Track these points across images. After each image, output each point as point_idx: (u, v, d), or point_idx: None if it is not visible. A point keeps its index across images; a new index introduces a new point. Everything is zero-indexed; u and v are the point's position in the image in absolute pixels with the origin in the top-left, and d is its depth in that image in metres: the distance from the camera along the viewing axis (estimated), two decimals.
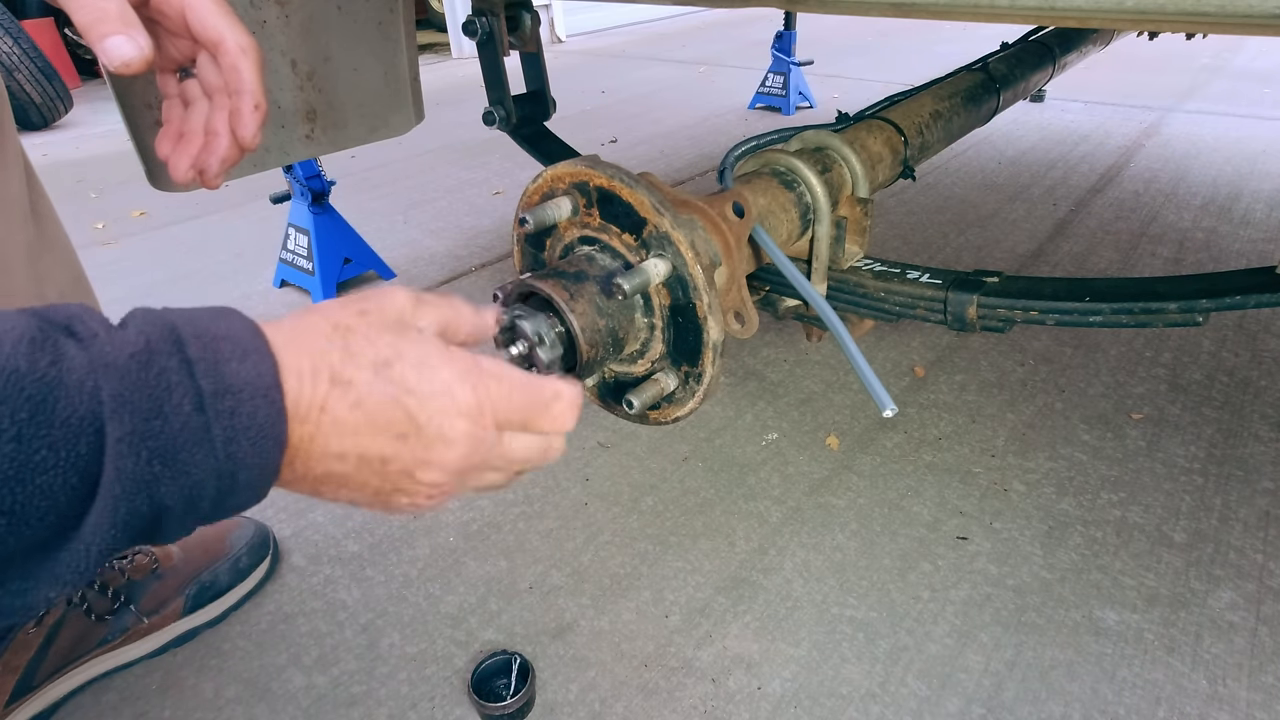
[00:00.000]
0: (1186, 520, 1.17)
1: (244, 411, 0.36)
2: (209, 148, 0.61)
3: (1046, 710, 0.91)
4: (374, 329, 0.41)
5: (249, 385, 0.36)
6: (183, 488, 0.35)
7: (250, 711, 0.95)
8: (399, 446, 0.40)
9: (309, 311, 0.42)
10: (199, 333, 0.37)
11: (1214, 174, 2.55)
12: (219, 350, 0.37)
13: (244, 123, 0.59)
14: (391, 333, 0.41)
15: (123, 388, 0.33)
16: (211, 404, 0.35)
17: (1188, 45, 4.40)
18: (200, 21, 0.56)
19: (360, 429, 0.39)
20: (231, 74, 0.57)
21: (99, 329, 0.35)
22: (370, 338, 0.40)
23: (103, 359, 0.34)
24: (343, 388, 0.39)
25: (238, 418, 0.36)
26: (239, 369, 0.36)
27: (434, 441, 0.41)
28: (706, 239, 0.57)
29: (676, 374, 0.58)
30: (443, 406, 0.41)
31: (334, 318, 0.41)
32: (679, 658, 0.99)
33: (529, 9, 1.32)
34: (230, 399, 0.36)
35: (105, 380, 0.33)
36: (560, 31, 6.02)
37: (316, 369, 0.39)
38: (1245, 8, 0.56)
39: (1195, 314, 0.76)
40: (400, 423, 0.40)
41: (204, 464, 0.35)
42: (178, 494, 0.35)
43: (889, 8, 0.77)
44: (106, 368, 0.33)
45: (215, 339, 0.37)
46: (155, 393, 0.34)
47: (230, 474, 0.36)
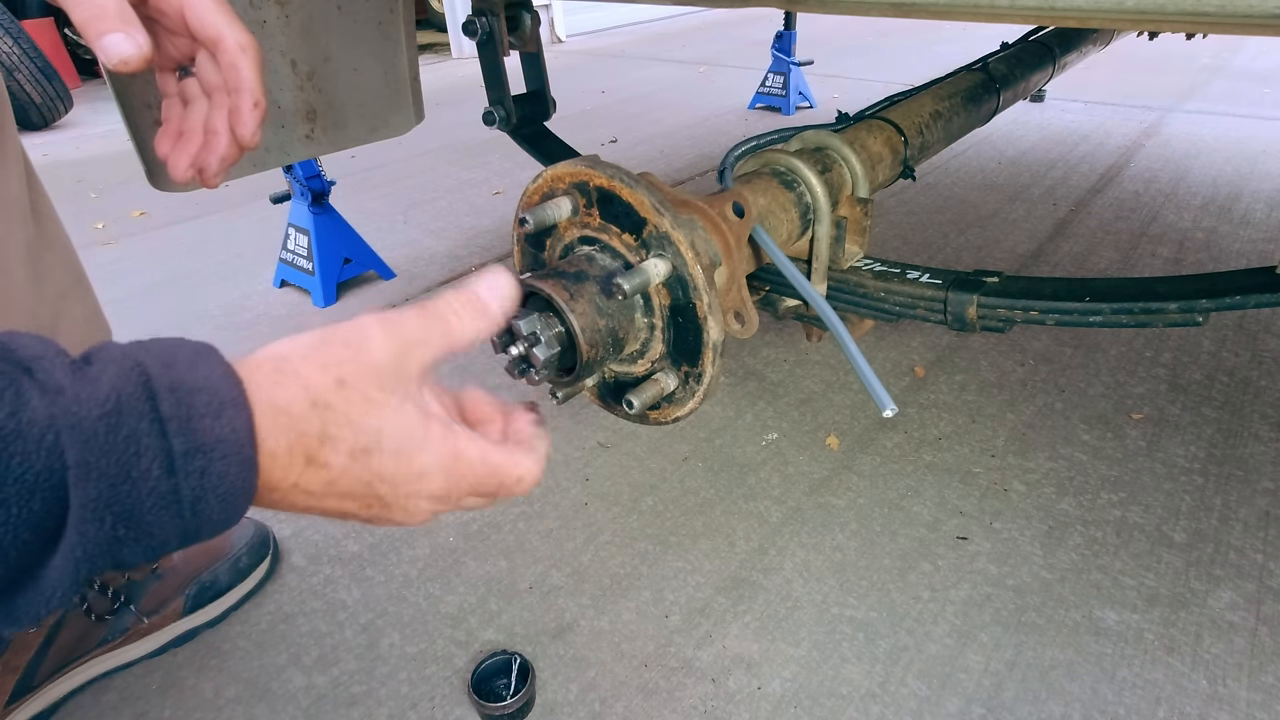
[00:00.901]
0: (1186, 520, 1.17)
1: (215, 471, 0.35)
2: (208, 146, 0.60)
3: (1046, 710, 0.91)
4: (354, 406, 0.39)
5: (222, 443, 0.35)
6: (146, 547, 0.35)
7: (250, 711, 0.95)
8: (361, 512, 0.42)
9: (281, 371, 0.39)
10: (174, 384, 0.35)
11: (1214, 174, 2.55)
12: (193, 404, 0.35)
13: (243, 121, 0.58)
14: (372, 411, 0.40)
15: (89, 453, 0.32)
16: (182, 465, 0.34)
17: (1188, 45, 4.40)
18: (199, 20, 0.56)
19: (328, 499, 0.40)
20: (231, 72, 0.57)
21: (64, 380, 0.33)
22: (349, 419, 0.39)
23: (69, 417, 0.32)
24: (317, 469, 0.39)
25: (208, 478, 0.35)
26: (213, 426, 0.35)
27: (396, 513, 0.43)
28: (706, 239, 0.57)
29: (676, 374, 0.58)
30: (414, 492, 0.42)
31: (312, 391, 0.38)
32: (679, 658, 0.99)
33: (529, 9, 1.32)
34: (201, 459, 0.35)
35: (70, 440, 0.32)
36: (560, 31, 6.02)
37: (292, 449, 0.38)
38: (1245, 8, 0.56)
39: (1195, 314, 0.76)
40: (369, 499, 0.41)
41: (169, 525, 0.35)
42: (140, 552, 0.35)
43: (889, 8, 0.77)
44: (73, 428, 0.32)
45: (190, 391, 0.35)
46: (123, 457, 0.33)
47: (194, 530, 0.36)
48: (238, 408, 0.36)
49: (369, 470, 0.40)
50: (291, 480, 0.38)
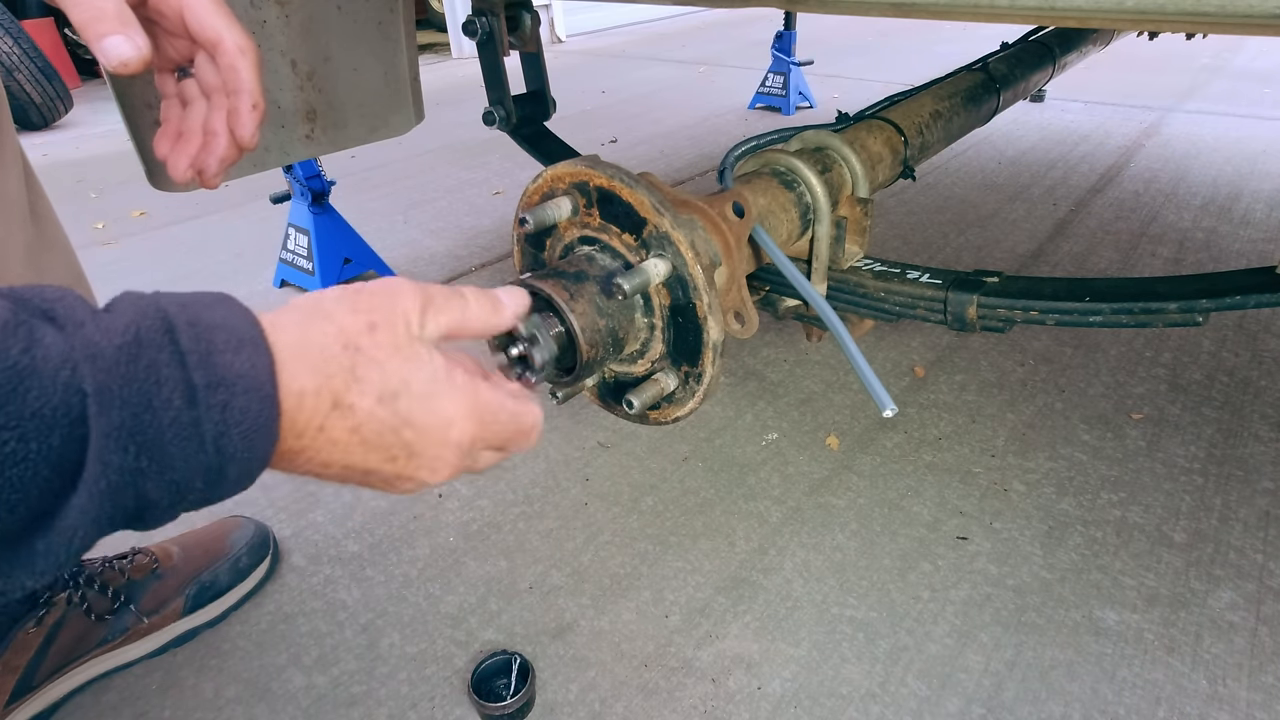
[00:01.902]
0: (1186, 520, 1.17)
1: (237, 406, 0.35)
2: (207, 147, 0.61)
3: (1046, 710, 0.91)
4: (383, 350, 0.40)
5: (243, 378, 0.35)
6: (170, 482, 0.34)
7: (250, 711, 0.95)
8: (386, 465, 0.41)
9: (315, 314, 0.40)
10: (192, 320, 0.35)
11: (1214, 174, 2.55)
12: (213, 340, 0.35)
13: (242, 122, 0.59)
14: (400, 355, 0.40)
15: (109, 380, 0.32)
16: (204, 397, 0.34)
17: (1188, 45, 4.41)
18: (198, 21, 0.56)
19: (353, 449, 0.40)
20: (230, 73, 0.57)
21: (84, 316, 0.33)
22: (378, 361, 0.39)
23: (87, 348, 0.32)
24: (343, 411, 0.38)
25: (230, 412, 0.35)
26: (233, 361, 0.35)
27: (421, 466, 0.42)
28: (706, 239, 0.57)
29: (676, 374, 0.58)
30: (439, 440, 0.42)
31: (344, 332, 0.39)
32: (679, 658, 0.99)
33: (529, 9, 1.32)
34: (223, 392, 0.34)
35: (89, 371, 0.32)
36: (560, 31, 6.02)
37: (319, 389, 0.38)
38: (1245, 8, 0.56)
39: (1195, 314, 0.76)
40: (394, 449, 0.41)
41: (193, 459, 0.34)
42: (164, 488, 0.34)
43: (889, 8, 0.77)
44: (92, 358, 0.32)
45: (209, 328, 0.35)
46: (144, 386, 0.33)
47: (218, 468, 0.35)
48: (256, 346, 0.36)
49: (397, 415, 0.40)
50: (318, 423, 0.38)
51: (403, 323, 0.41)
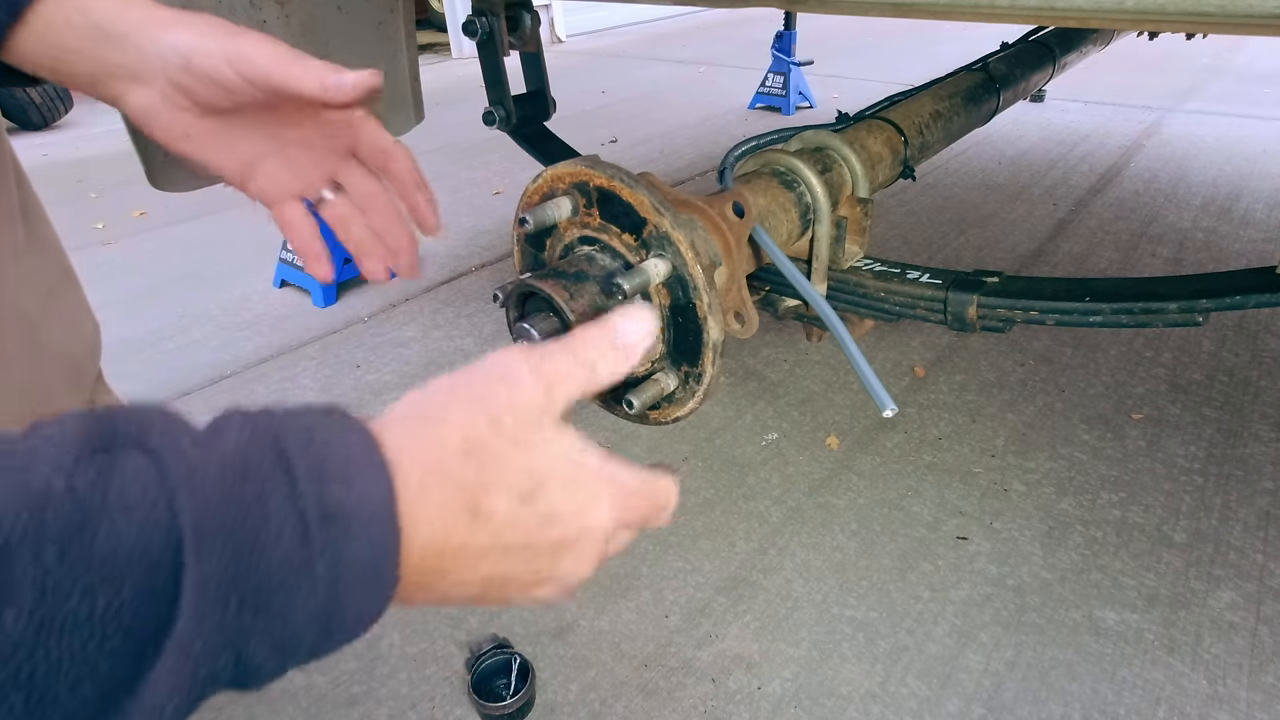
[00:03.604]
0: (1186, 520, 1.16)
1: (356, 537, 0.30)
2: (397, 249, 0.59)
3: (1046, 710, 0.91)
4: (512, 449, 0.35)
5: (362, 508, 0.30)
6: (277, 640, 0.28)
7: (250, 711, 0.95)
8: (526, 569, 0.37)
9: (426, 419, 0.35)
10: (305, 439, 0.30)
11: (1214, 174, 2.55)
12: (326, 465, 0.30)
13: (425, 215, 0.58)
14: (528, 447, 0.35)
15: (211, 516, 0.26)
16: (318, 532, 0.29)
17: (1188, 45, 4.40)
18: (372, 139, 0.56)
19: (495, 560, 0.35)
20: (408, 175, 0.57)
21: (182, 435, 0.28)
22: (510, 462, 0.35)
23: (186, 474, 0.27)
24: (482, 520, 0.34)
25: (348, 548, 0.29)
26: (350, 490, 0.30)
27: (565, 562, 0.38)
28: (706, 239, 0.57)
29: (676, 374, 0.58)
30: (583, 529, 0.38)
31: (464, 431, 0.34)
32: (679, 658, 0.99)
33: (529, 9, 1.32)
34: (339, 525, 0.29)
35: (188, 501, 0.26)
36: (560, 31, 6.02)
37: (448, 503, 0.33)
38: (1245, 8, 0.56)
39: (1195, 314, 0.76)
40: (539, 549, 0.37)
41: (304, 609, 0.28)
42: (269, 647, 0.28)
43: (889, 8, 0.77)
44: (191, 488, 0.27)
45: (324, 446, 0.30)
46: (251, 521, 0.27)
47: (330, 616, 0.30)
48: (376, 468, 0.31)
49: (538, 514, 0.36)
50: (458, 541, 0.34)
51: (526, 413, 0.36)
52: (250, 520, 0.27)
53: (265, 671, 0.29)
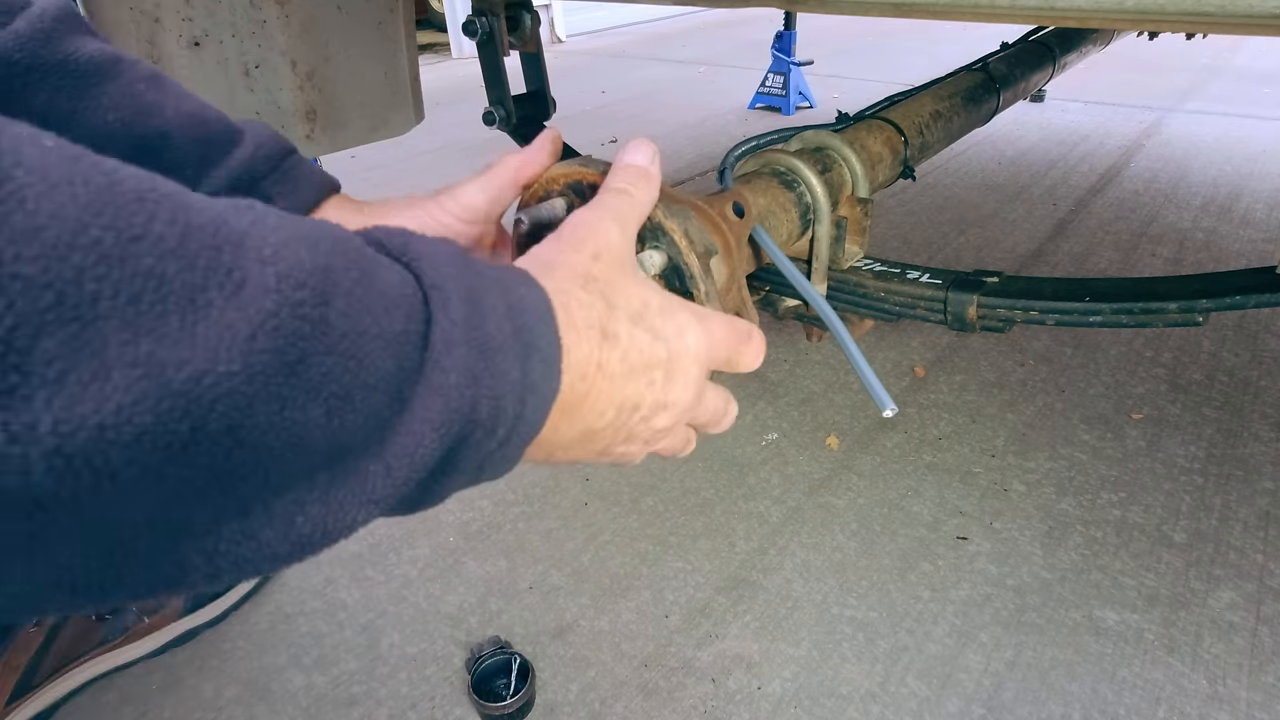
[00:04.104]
0: (1186, 520, 1.16)
1: (536, 331, 0.33)
2: None
3: (1046, 710, 0.91)
4: (616, 276, 0.40)
5: (534, 308, 0.34)
6: (494, 400, 0.31)
7: (250, 711, 0.95)
8: (649, 391, 0.41)
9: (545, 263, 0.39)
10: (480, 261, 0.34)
11: (1214, 174, 2.55)
12: (503, 271, 0.34)
13: None
14: (627, 276, 0.41)
15: (444, 277, 0.30)
16: (515, 316, 0.33)
17: (1188, 45, 4.40)
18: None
19: (626, 381, 0.40)
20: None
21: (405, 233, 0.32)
22: (618, 287, 0.40)
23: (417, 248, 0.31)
24: (612, 342, 0.38)
25: (534, 335, 0.33)
26: (526, 292, 0.34)
27: (676, 384, 0.42)
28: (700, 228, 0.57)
29: None
30: (684, 350, 0.42)
31: (575, 269, 0.39)
32: (679, 658, 0.99)
33: (529, 9, 1.32)
34: (525, 317, 0.33)
35: (426, 265, 0.30)
36: (560, 31, 6.02)
37: (588, 323, 0.37)
38: (1245, 8, 0.56)
39: (1195, 314, 0.76)
40: (654, 369, 0.41)
41: (510, 375, 0.32)
42: (488, 407, 0.31)
43: (889, 8, 0.77)
44: (424, 256, 0.31)
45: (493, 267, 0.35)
46: (474, 290, 0.31)
47: (522, 398, 0.33)
48: (535, 284, 0.35)
49: (649, 330, 0.40)
50: (596, 360, 0.37)
51: (615, 248, 0.41)
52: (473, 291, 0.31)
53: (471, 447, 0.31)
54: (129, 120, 0.46)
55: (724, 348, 0.46)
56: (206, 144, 0.49)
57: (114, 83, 0.46)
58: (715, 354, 0.45)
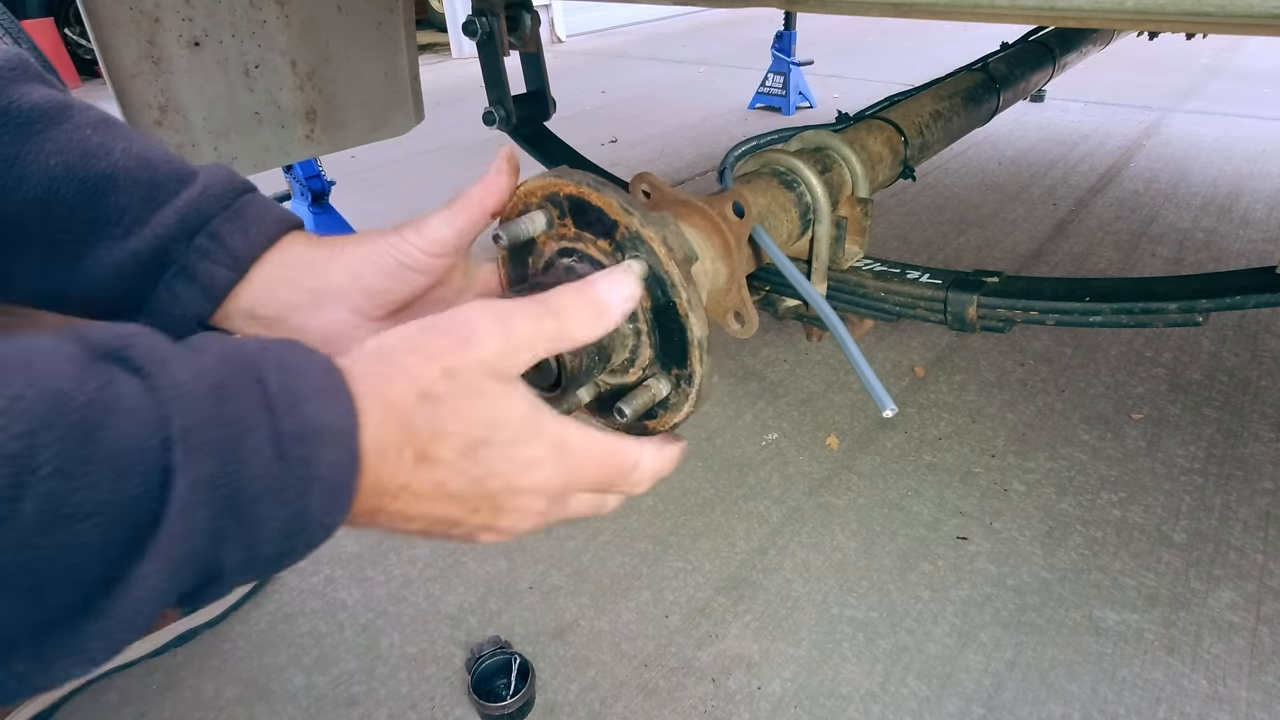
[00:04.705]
0: (1186, 520, 1.17)
1: (323, 459, 0.32)
2: None
3: (1046, 710, 0.91)
4: (464, 398, 0.37)
5: (330, 430, 0.32)
6: (246, 547, 0.31)
7: (250, 711, 0.95)
8: (470, 517, 0.40)
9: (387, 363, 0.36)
10: (279, 364, 0.32)
11: (1214, 174, 2.55)
12: (298, 387, 0.32)
13: None
14: (480, 401, 0.38)
15: (198, 423, 0.28)
16: (290, 448, 0.31)
17: (1188, 45, 4.40)
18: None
19: (436, 503, 0.38)
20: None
21: (167, 353, 0.30)
22: (460, 412, 0.37)
23: (174, 388, 0.29)
24: (430, 467, 0.37)
25: (315, 466, 0.32)
26: (320, 410, 0.32)
27: (505, 516, 0.41)
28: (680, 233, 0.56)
29: (668, 378, 0.57)
30: (525, 487, 0.40)
31: (418, 381, 0.36)
32: (679, 658, 0.99)
33: (529, 9, 1.32)
34: (311, 444, 0.32)
35: (177, 411, 0.28)
36: (560, 31, 6.02)
37: (403, 446, 0.35)
38: (1245, 8, 0.56)
39: (1195, 314, 0.76)
40: (478, 500, 0.39)
41: (272, 519, 0.31)
42: (238, 554, 0.30)
43: (889, 8, 0.77)
44: (179, 399, 0.28)
45: (295, 372, 0.33)
46: (233, 431, 0.29)
47: (293, 532, 0.32)
48: (341, 395, 0.33)
49: (480, 464, 0.38)
50: (402, 481, 0.36)
51: (481, 364, 0.38)
52: (232, 432, 0.29)
53: (228, 580, 0.31)
54: (73, 164, 0.45)
55: (591, 478, 0.43)
56: (154, 185, 0.48)
57: (60, 128, 0.46)
58: (576, 486, 0.42)
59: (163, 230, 0.48)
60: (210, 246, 0.48)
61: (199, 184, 0.50)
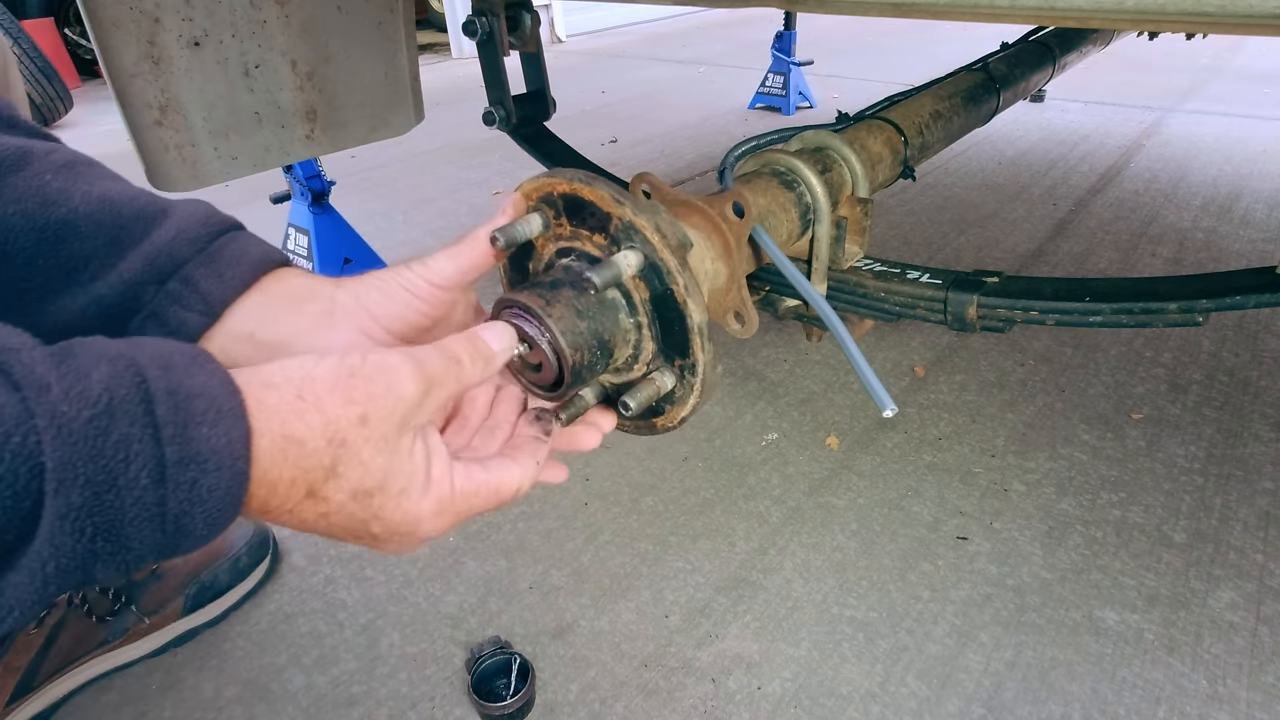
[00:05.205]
0: (1186, 520, 1.17)
1: (205, 484, 0.33)
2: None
3: (1046, 710, 0.91)
4: (370, 445, 0.38)
5: (217, 454, 0.33)
6: (120, 563, 0.32)
7: (250, 711, 0.95)
8: (353, 541, 0.42)
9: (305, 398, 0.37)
10: (171, 387, 0.32)
11: (1214, 174, 2.55)
12: (191, 411, 0.32)
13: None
14: (385, 451, 0.39)
15: (75, 455, 0.29)
16: (173, 475, 0.32)
17: (1188, 45, 4.40)
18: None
19: (318, 529, 0.40)
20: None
21: (48, 375, 0.29)
22: (361, 459, 0.38)
23: (52, 417, 0.29)
24: (316, 501, 0.38)
25: (197, 490, 0.33)
26: (209, 435, 0.33)
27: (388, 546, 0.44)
28: (672, 220, 0.56)
29: (671, 370, 0.57)
30: (406, 533, 0.42)
31: (331, 424, 0.37)
32: (679, 658, 0.99)
33: (529, 9, 1.32)
34: (194, 469, 0.32)
35: (53, 444, 0.28)
36: (560, 31, 6.02)
37: (295, 480, 0.36)
38: (1245, 8, 0.56)
39: (1195, 314, 0.76)
40: (361, 536, 0.42)
41: (149, 539, 0.32)
42: (113, 568, 0.32)
43: (889, 8, 0.77)
44: (58, 430, 0.29)
45: (189, 397, 0.33)
46: (112, 464, 0.30)
47: (171, 547, 0.33)
48: (235, 419, 0.34)
49: (367, 510, 0.40)
50: (287, 508, 0.38)
51: (397, 414, 0.39)
52: (110, 463, 0.30)
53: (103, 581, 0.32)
54: (31, 212, 0.45)
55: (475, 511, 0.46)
56: (118, 228, 0.47)
57: (18, 175, 0.45)
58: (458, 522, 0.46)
59: (130, 275, 0.47)
60: (182, 291, 0.48)
61: (170, 225, 0.49)
